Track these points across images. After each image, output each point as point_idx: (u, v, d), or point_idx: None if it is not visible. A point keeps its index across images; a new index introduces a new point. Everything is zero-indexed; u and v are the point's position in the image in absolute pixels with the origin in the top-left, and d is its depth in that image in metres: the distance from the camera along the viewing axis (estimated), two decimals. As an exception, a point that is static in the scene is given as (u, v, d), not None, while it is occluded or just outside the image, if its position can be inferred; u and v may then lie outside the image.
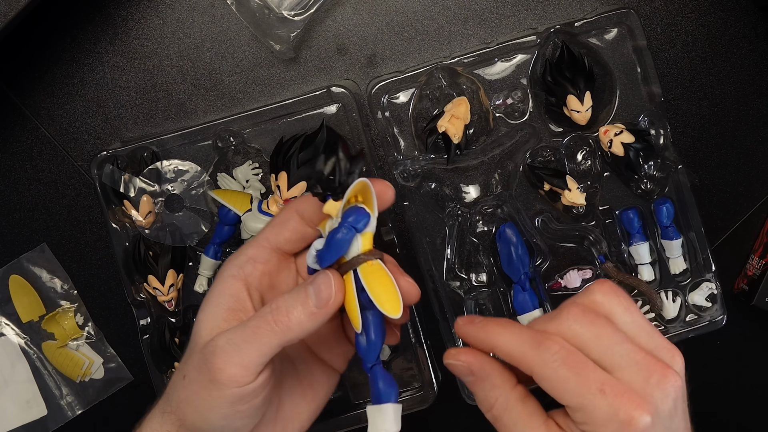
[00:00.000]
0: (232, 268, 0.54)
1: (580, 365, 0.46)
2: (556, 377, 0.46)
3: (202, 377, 0.49)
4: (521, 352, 0.48)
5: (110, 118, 0.72)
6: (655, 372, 0.46)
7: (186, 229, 0.70)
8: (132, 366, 0.75)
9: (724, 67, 0.72)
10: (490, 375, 0.50)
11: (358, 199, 0.51)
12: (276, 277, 0.55)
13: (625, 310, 0.49)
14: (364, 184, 0.50)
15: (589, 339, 0.47)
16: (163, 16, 0.71)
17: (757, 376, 0.77)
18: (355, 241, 0.50)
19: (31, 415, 0.74)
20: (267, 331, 0.48)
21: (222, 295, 0.53)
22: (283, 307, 0.49)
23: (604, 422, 0.45)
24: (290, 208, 0.55)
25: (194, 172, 0.70)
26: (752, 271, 0.73)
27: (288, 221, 0.55)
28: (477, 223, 0.70)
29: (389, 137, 0.69)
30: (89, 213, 0.73)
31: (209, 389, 0.49)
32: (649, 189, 0.70)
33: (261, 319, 0.49)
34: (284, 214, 0.55)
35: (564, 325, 0.48)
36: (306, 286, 0.50)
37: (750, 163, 0.73)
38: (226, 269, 0.54)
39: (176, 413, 0.52)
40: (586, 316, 0.48)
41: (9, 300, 0.73)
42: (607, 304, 0.49)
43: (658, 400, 0.46)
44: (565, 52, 0.67)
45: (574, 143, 0.70)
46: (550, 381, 0.46)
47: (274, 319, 0.49)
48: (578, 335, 0.47)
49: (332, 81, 0.71)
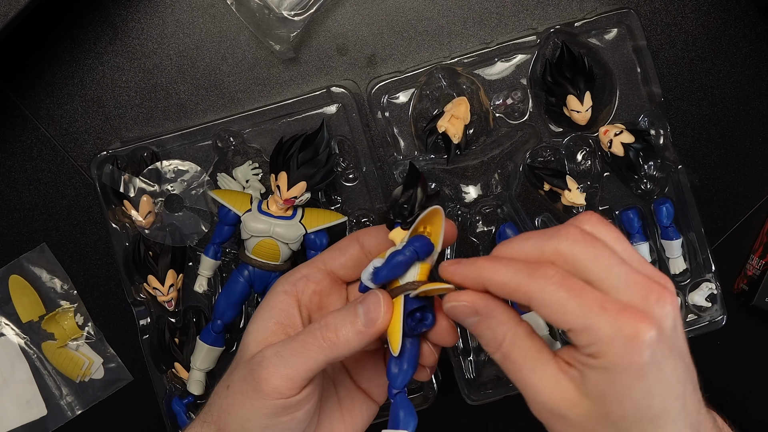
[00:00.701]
0: (286, 284, 0.55)
1: (577, 287, 0.45)
2: (556, 300, 0.45)
3: (246, 387, 0.50)
4: (517, 281, 0.46)
5: (110, 118, 0.72)
6: (653, 291, 0.45)
7: (186, 229, 0.70)
8: (132, 366, 0.75)
9: (724, 67, 0.72)
10: (495, 311, 0.49)
11: (426, 230, 0.52)
12: (326, 298, 0.56)
13: (615, 238, 0.48)
14: (437, 214, 0.51)
15: (587, 259, 0.46)
16: (163, 16, 0.71)
17: (757, 376, 0.77)
18: (413, 266, 0.51)
19: (31, 415, 0.74)
20: (315, 347, 0.49)
21: (273, 309, 0.54)
22: (332, 324, 0.50)
23: (610, 339, 0.44)
24: (352, 236, 0.56)
25: (194, 172, 0.70)
26: (752, 271, 0.73)
27: (347, 247, 0.56)
28: (477, 223, 0.70)
29: (389, 137, 0.69)
30: (89, 213, 0.73)
31: (252, 399, 0.49)
32: (649, 189, 0.70)
33: (309, 335, 0.50)
34: (346, 240, 0.57)
35: (563, 245, 0.47)
36: (356, 304, 0.50)
37: (750, 163, 0.73)
38: (279, 284, 0.55)
39: (216, 423, 0.52)
40: (584, 237, 0.47)
41: (9, 300, 0.73)
42: (598, 234, 0.48)
43: (660, 317, 0.45)
44: (565, 52, 0.67)
45: (574, 143, 0.70)
46: (550, 305, 0.45)
47: (323, 336, 0.50)
48: (576, 255, 0.46)
49: (332, 81, 0.71)
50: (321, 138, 0.66)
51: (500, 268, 0.47)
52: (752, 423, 0.77)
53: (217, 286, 0.72)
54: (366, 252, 0.55)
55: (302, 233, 0.67)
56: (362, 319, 0.50)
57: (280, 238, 0.66)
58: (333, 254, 0.56)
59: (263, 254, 0.67)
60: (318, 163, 0.65)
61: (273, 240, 0.66)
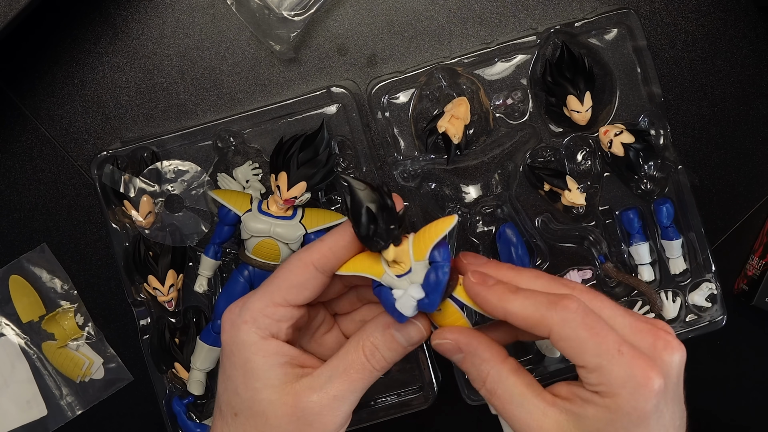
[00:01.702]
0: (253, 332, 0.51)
1: (598, 325, 0.46)
2: (576, 337, 0.46)
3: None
4: (539, 314, 0.47)
5: (110, 118, 0.72)
6: (660, 338, 0.47)
7: (186, 229, 0.70)
8: (132, 366, 0.75)
9: (724, 67, 0.72)
10: (477, 349, 0.50)
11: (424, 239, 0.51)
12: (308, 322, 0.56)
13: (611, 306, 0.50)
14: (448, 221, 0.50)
15: (594, 306, 0.47)
16: (163, 16, 0.71)
17: (757, 376, 0.77)
18: None
19: (31, 415, 0.74)
20: (361, 377, 0.51)
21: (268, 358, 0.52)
22: (378, 355, 0.51)
23: (621, 383, 0.45)
24: (304, 265, 0.52)
25: (194, 173, 0.70)
26: (752, 272, 0.73)
27: (308, 282, 0.52)
28: (477, 224, 0.70)
29: (389, 137, 0.69)
30: (89, 213, 0.73)
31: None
32: (649, 189, 0.70)
33: (354, 372, 0.51)
34: (298, 271, 0.52)
35: (574, 292, 0.48)
36: (397, 335, 0.51)
37: (750, 163, 0.73)
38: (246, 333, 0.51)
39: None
40: (588, 290, 0.49)
41: (9, 300, 0.73)
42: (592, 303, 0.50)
43: (667, 364, 0.46)
44: (565, 53, 0.67)
45: (574, 143, 0.70)
46: (569, 341, 0.46)
47: (373, 367, 0.51)
48: (586, 302, 0.47)
49: (332, 81, 0.71)
50: (321, 138, 0.66)
51: (521, 300, 0.48)
52: (753, 423, 0.77)
53: (217, 286, 0.72)
54: (327, 273, 0.52)
55: (302, 233, 0.67)
56: (404, 343, 0.51)
57: (280, 238, 0.66)
58: (294, 292, 0.52)
59: (263, 254, 0.67)
60: (318, 163, 0.65)
61: (273, 240, 0.66)
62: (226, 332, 0.52)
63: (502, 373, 0.49)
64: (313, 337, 0.57)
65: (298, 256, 0.52)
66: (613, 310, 0.48)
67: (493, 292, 0.49)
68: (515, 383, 0.49)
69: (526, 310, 0.48)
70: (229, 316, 0.52)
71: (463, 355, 0.51)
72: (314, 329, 0.56)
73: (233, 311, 0.52)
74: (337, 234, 0.52)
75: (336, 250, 0.51)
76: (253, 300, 0.52)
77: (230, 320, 0.52)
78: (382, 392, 0.72)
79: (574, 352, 0.46)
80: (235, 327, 0.51)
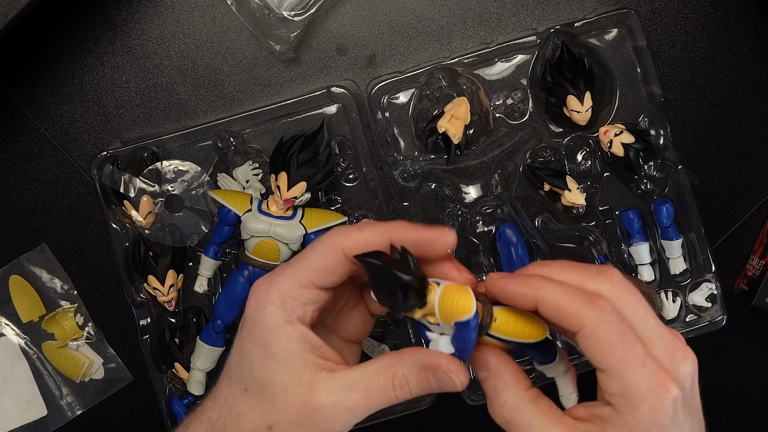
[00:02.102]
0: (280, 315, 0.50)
1: (628, 333, 0.45)
2: (607, 338, 0.45)
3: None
4: (574, 306, 0.45)
5: (110, 118, 0.72)
6: (679, 348, 0.47)
7: (186, 229, 0.70)
8: (132, 366, 0.75)
9: (724, 67, 0.72)
10: (503, 372, 0.49)
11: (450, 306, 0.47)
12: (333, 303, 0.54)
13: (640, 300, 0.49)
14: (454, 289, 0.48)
15: (627, 305, 0.47)
16: (163, 17, 0.71)
17: (757, 376, 0.77)
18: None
19: (31, 416, 0.74)
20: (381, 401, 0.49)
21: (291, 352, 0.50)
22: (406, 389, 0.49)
23: (643, 397, 0.45)
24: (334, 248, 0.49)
25: (194, 173, 0.70)
26: (752, 272, 0.73)
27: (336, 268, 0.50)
28: (477, 224, 0.70)
29: (389, 137, 0.69)
30: (89, 213, 0.73)
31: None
32: (649, 189, 0.70)
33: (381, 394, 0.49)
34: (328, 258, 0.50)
35: (605, 286, 0.47)
36: (433, 381, 0.49)
37: (750, 163, 0.73)
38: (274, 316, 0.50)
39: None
40: (625, 283, 0.47)
41: (9, 300, 0.73)
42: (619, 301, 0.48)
43: (683, 376, 0.46)
44: (565, 53, 0.67)
45: (574, 143, 0.70)
46: (600, 341, 0.45)
47: (396, 396, 0.49)
48: (619, 298, 0.46)
49: (332, 81, 0.71)
50: (321, 138, 0.66)
51: (557, 289, 0.46)
52: (752, 423, 0.77)
53: (217, 286, 0.72)
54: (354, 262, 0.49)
55: (302, 233, 0.67)
56: (437, 390, 0.49)
57: (280, 239, 0.66)
58: (321, 275, 0.50)
59: (263, 254, 0.67)
60: (318, 163, 0.65)
61: (273, 240, 0.66)
62: (251, 308, 0.50)
63: (522, 402, 0.48)
64: (339, 314, 0.55)
65: (329, 239, 0.49)
66: (646, 311, 0.47)
67: (521, 281, 0.47)
68: (534, 412, 0.48)
69: (561, 300, 0.46)
70: (255, 293, 0.50)
71: (488, 374, 0.49)
72: (340, 307, 0.54)
73: (260, 288, 0.50)
74: (375, 231, 0.49)
75: (372, 245, 0.49)
76: (281, 279, 0.50)
77: (257, 298, 0.50)
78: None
79: (600, 353, 0.46)
80: (261, 306, 0.49)
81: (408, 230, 0.49)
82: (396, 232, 0.49)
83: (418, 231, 0.49)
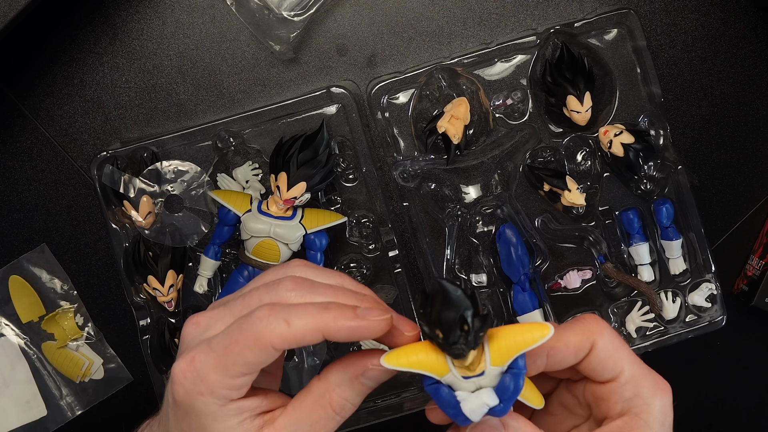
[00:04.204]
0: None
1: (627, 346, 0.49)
2: (619, 347, 0.48)
3: None
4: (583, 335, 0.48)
5: (110, 118, 0.72)
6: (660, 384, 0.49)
7: (186, 229, 0.70)
8: (132, 366, 0.75)
9: (724, 67, 0.72)
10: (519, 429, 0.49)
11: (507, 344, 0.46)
12: None
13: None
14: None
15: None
16: (163, 17, 0.71)
17: (757, 376, 0.77)
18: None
19: (31, 416, 0.74)
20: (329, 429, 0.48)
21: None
22: (349, 406, 0.48)
23: (653, 392, 0.48)
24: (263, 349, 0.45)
25: (194, 173, 0.70)
26: (752, 272, 0.73)
27: (265, 361, 0.45)
28: (477, 224, 0.70)
29: (389, 138, 0.69)
30: (89, 213, 0.73)
31: None
32: (649, 189, 0.70)
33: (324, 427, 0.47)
34: (256, 354, 0.45)
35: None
36: (367, 382, 0.47)
37: (750, 163, 0.73)
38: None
39: None
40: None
41: (9, 300, 0.73)
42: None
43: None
44: (565, 53, 0.67)
45: (574, 144, 0.70)
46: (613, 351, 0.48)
47: (342, 417, 0.48)
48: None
49: (332, 81, 0.71)
50: (321, 138, 0.66)
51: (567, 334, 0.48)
52: (752, 424, 0.77)
53: (217, 287, 0.72)
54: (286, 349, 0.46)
55: (302, 234, 0.67)
56: (375, 386, 0.48)
57: (279, 239, 0.66)
58: (250, 368, 0.46)
59: (263, 255, 0.67)
60: (318, 163, 0.66)
61: (273, 240, 0.66)
62: (179, 395, 0.46)
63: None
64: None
65: (257, 334, 0.44)
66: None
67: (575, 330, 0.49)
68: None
69: (573, 340, 0.48)
70: (182, 381, 0.46)
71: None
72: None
73: (186, 376, 0.46)
74: (304, 326, 0.44)
75: (303, 341, 0.45)
76: (207, 371, 0.45)
77: (184, 387, 0.46)
78: (382, 392, 0.72)
79: (614, 364, 0.48)
80: (190, 396, 0.46)
81: (342, 319, 0.44)
82: (329, 327, 0.44)
83: (356, 319, 0.45)
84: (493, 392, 0.45)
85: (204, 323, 0.48)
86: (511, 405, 0.45)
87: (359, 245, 0.71)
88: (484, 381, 0.45)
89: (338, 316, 0.44)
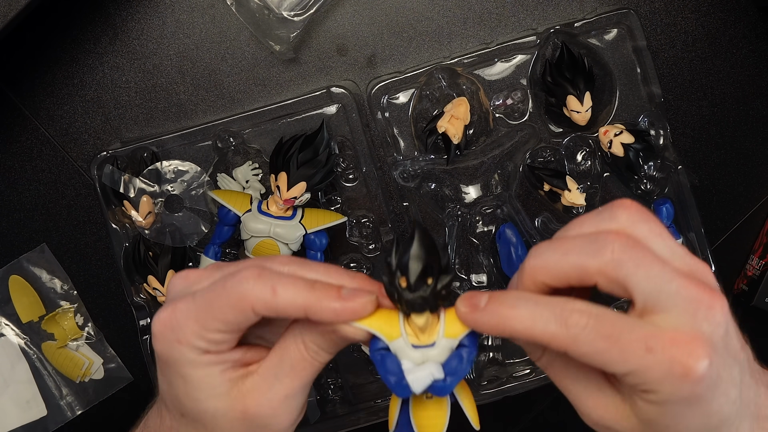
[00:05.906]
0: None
1: (615, 331, 0.41)
2: (595, 351, 0.41)
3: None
4: (548, 333, 0.42)
5: (110, 118, 0.72)
6: (702, 304, 0.42)
7: (186, 229, 0.70)
8: (132, 366, 0.75)
9: (724, 67, 0.72)
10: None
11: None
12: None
13: (657, 234, 0.44)
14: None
15: (629, 275, 0.42)
16: (163, 17, 0.71)
17: (756, 377, 0.77)
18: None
19: (31, 416, 0.74)
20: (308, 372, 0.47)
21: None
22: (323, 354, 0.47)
23: (660, 381, 0.41)
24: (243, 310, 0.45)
25: (194, 173, 0.70)
26: (752, 272, 0.73)
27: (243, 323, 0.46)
28: (477, 224, 0.70)
29: (389, 138, 0.69)
30: (89, 213, 0.73)
31: None
32: (649, 189, 0.70)
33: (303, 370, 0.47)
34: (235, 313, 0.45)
35: (607, 260, 0.42)
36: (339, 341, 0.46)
37: (750, 163, 0.73)
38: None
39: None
40: (626, 249, 0.42)
41: (9, 300, 0.73)
42: (638, 231, 0.43)
43: (711, 333, 0.42)
44: (565, 53, 0.67)
45: (574, 144, 0.70)
46: (590, 356, 0.41)
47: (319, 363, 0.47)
48: (619, 270, 0.42)
49: (332, 81, 0.71)
50: (321, 138, 0.66)
51: (524, 317, 0.42)
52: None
53: (217, 287, 0.71)
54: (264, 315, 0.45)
55: (302, 233, 0.67)
56: (346, 343, 0.47)
57: (279, 239, 0.66)
58: (227, 326, 0.46)
59: (263, 254, 0.67)
60: (318, 163, 0.66)
61: (273, 240, 0.66)
62: (158, 344, 0.46)
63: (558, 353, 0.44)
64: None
65: (241, 293, 0.44)
66: (654, 268, 0.42)
67: (488, 312, 0.44)
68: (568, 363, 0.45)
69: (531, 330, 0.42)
70: (161, 329, 0.46)
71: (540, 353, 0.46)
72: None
73: (165, 324, 0.46)
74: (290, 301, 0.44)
75: (284, 313, 0.45)
76: (186, 320, 0.45)
77: (162, 334, 0.46)
78: (382, 393, 0.72)
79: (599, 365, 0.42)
80: (168, 345, 0.46)
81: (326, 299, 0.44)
82: (313, 307, 0.44)
83: (340, 300, 0.44)
84: (440, 366, 0.44)
85: (193, 278, 0.47)
86: (456, 384, 0.45)
87: (359, 245, 0.71)
88: (432, 353, 0.44)
89: (322, 296, 0.44)
